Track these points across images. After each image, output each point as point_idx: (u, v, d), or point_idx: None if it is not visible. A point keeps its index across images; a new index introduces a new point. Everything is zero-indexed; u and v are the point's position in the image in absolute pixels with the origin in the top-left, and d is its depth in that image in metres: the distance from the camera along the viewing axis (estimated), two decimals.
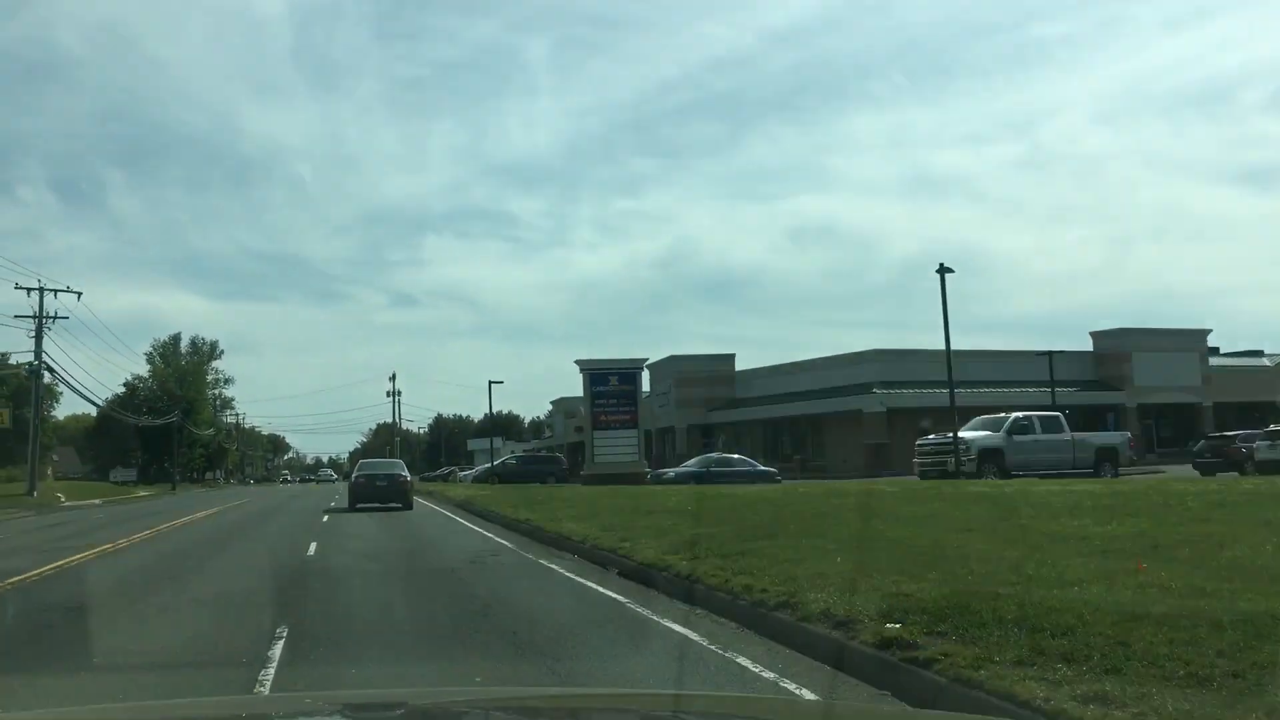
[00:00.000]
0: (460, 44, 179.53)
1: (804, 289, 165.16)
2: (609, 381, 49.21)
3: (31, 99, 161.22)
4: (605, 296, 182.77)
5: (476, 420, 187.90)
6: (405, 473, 37.11)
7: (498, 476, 60.60)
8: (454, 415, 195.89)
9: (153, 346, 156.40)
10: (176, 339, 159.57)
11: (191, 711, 3.67)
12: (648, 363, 56.69)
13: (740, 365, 72.77)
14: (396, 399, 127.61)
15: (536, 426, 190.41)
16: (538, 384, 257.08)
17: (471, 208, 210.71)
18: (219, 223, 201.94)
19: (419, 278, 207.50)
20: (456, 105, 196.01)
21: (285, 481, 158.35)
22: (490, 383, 59.40)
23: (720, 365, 71.09)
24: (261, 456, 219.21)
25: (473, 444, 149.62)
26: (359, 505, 34.27)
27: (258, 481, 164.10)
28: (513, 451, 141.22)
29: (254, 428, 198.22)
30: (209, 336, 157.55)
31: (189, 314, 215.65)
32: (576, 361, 49.47)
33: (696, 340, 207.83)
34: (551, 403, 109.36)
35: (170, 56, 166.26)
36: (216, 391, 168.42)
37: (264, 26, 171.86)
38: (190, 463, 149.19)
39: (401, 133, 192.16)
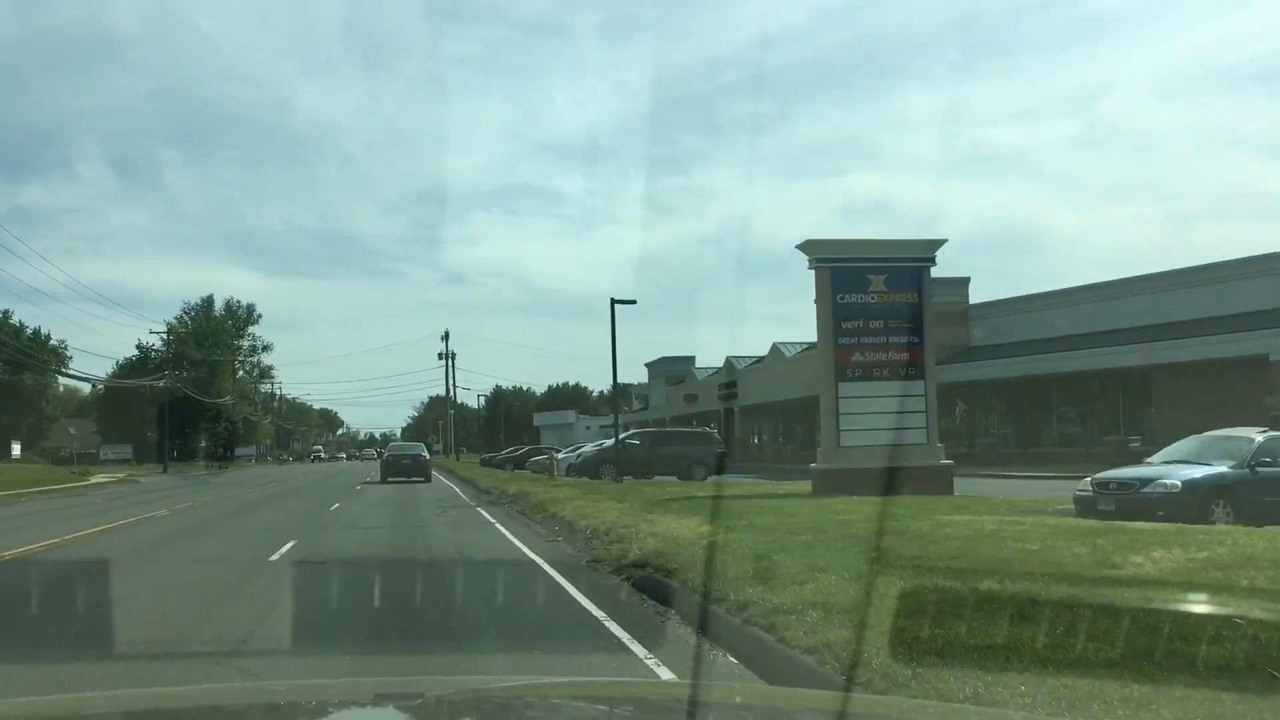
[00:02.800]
0: (508, 21, 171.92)
1: None
2: (868, 286, 24.28)
3: (87, 78, 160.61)
4: (655, 274, 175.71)
5: (539, 393, 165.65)
6: (425, 453, 45.78)
7: (614, 465, 36.38)
8: (513, 387, 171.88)
9: (183, 310, 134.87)
10: (209, 301, 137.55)
11: (204, 699, 3.61)
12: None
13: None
14: (450, 363, 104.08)
15: (614, 398, 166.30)
16: (593, 360, 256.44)
17: (521, 185, 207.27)
18: (272, 200, 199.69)
19: (469, 255, 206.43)
20: (505, 83, 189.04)
21: (317, 459, 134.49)
22: (613, 302, 34.69)
23: (948, 294, 45.61)
24: (307, 431, 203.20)
25: (540, 418, 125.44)
26: (389, 479, 41.66)
27: (297, 459, 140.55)
28: (592, 427, 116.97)
29: (297, 398, 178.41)
30: (259, 309, 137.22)
31: (243, 290, 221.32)
32: (803, 246, 24.53)
33: (749, 320, 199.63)
34: (647, 365, 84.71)
35: (222, 35, 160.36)
36: (255, 359, 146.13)
37: (314, 4, 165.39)
38: (214, 437, 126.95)
39: (451, 110, 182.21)
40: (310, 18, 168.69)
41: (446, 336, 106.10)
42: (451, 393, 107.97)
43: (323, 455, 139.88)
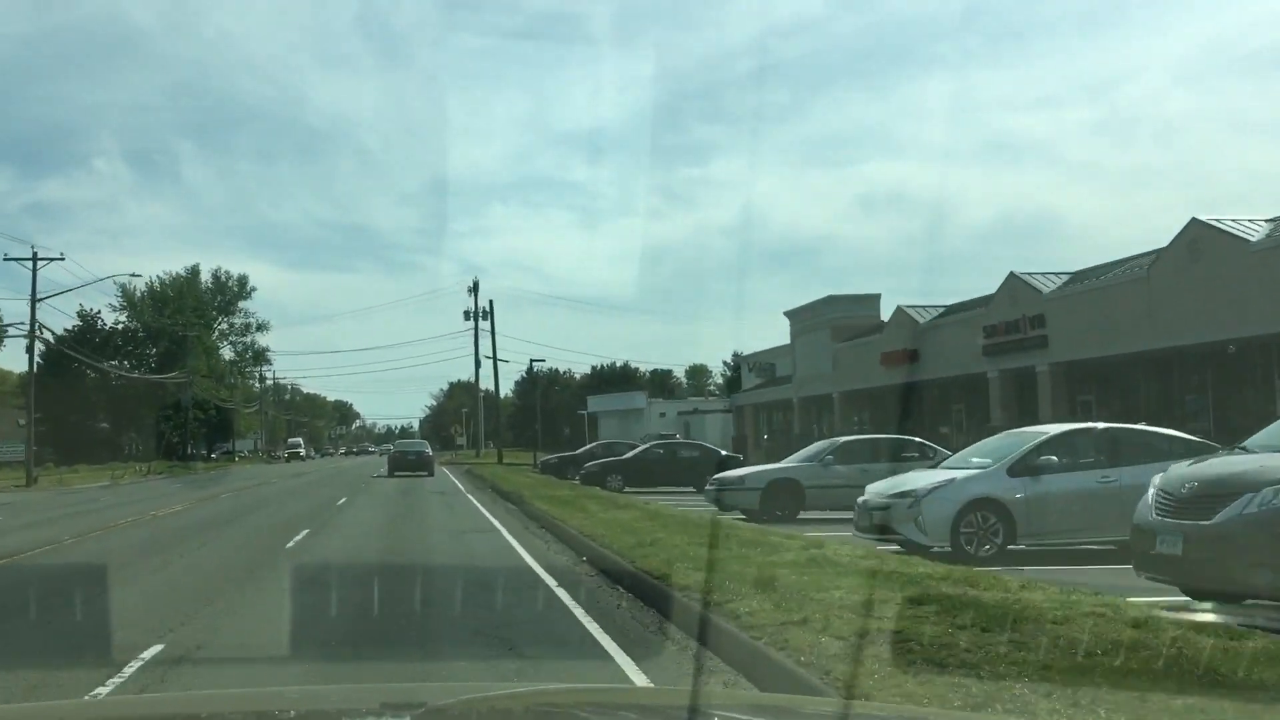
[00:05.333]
0: (523, 13, 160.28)
1: (875, 256, 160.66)
2: None
3: (105, 73, 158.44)
4: (673, 265, 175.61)
5: (579, 375, 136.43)
6: (428, 450, 46.37)
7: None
8: (549, 369, 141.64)
9: (162, 279, 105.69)
10: (194, 271, 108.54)
11: (205, 706, 3.46)
12: None
13: None
14: (489, 323, 74.43)
15: (696, 378, 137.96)
16: (614, 348, 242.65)
17: (537, 177, 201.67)
18: (289, 193, 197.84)
19: (486, 247, 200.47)
20: (520, 75, 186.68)
21: (295, 456, 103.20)
22: None
23: None
24: (312, 423, 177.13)
25: (596, 403, 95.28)
26: (395, 473, 41.57)
27: (287, 457, 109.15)
28: (669, 414, 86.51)
29: (295, 383, 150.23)
30: (281, 302, 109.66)
31: (261, 283, 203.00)
32: None
33: (764, 310, 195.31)
34: (789, 314, 54.23)
35: (238, 29, 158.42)
36: (248, 339, 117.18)
37: None
38: (181, 429, 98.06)
39: (466, 102, 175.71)
40: (325, 11, 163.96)
41: (475, 288, 76.45)
42: (482, 365, 78.12)
43: (303, 453, 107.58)
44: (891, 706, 4.64)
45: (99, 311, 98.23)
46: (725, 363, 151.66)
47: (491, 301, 69.74)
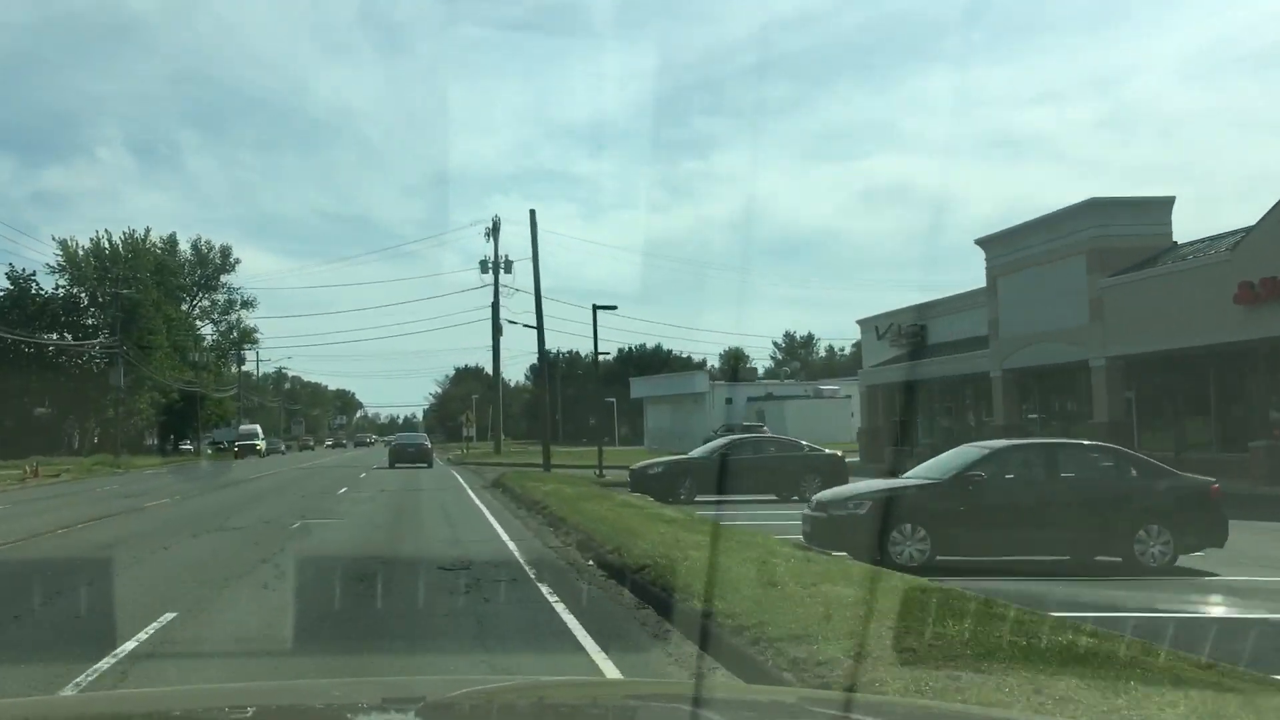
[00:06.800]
0: (524, 5, 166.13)
1: (877, 251, 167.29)
2: None
3: (107, 62, 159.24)
4: (676, 258, 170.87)
5: (604, 360, 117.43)
6: (428, 442, 50.43)
7: None
8: (567, 352, 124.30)
9: (110, 239, 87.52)
10: (172, 240, 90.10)
11: (206, 700, 3.31)
12: None
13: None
14: (499, 276, 56.06)
15: (735, 364, 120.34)
16: (617, 339, 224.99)
17: (539, 169, 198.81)
18: (291, 184, 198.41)
19: (488, 238, 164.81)
20: (522, 67, 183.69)
21: (251, 450, 78.32)
22: None
23: None
24: (308, 412, 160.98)
25: (640, 386, 76.58)
26: (396, 465, 44.45)
27: (237, 451, 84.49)
28: (736, 400, 66.38)
29: (292, 374, 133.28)
30: (280, 290, 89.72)
31: (263, 272, 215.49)
32: None
33: (768, 303, 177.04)
34: (981, 242, 35.36)
35: (240, 19, 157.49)
36: (234, 317, 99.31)
37: None
38: (134, 414, 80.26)
39: (468, 94, 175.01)
40: (328, 2, 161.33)
41: (495, 229, 58.00)
42: (502, 332, 59.77)
43: (260, 445, 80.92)
44: (893, 700, 4.53)
45: (34, 274, 79.63)
46: (775, 343, 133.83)
47: (532, 212, 50.64)
